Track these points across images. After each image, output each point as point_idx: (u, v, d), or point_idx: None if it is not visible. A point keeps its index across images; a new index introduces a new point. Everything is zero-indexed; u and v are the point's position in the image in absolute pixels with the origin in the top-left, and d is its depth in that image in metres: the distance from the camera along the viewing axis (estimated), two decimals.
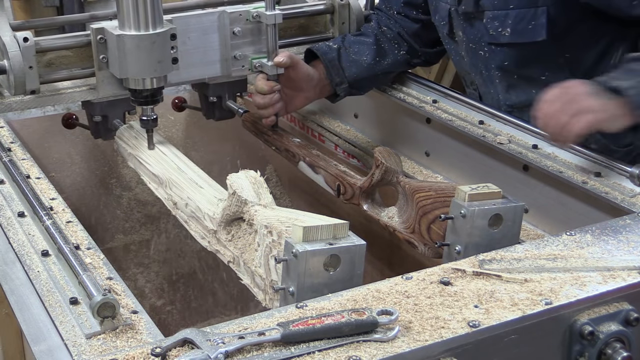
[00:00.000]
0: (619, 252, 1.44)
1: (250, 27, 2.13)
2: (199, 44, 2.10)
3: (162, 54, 1.87)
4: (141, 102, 1.95)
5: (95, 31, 1.93)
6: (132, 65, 1.87)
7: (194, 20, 2.09)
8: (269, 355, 1.15)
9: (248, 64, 2.15)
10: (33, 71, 1.96)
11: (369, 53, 2.24)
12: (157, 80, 1.91)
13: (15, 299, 1.37)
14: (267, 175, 2.78)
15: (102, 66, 1.97)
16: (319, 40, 2.42)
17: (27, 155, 1.93)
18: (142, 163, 2.01)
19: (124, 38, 1.84)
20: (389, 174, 1.75)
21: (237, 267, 1.61)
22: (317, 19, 2.42)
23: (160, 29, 1.86)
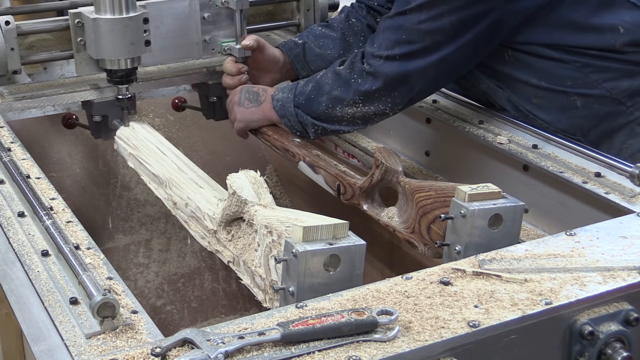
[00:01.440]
0: (619, 252, 1.44)
1: (220, 12, 2.29)
2: (172, 28, 2.25)
3: (135, 36, 2.03)
4: (117, 81, 2.10)
5: (73, 15, 2.06)
6: (107, 47, 2.03)
7: (166, 6, 2.24)
8: (269, 355, 1.15)
9: (218, 48, 2.31)
10: (15, 52, 2.13)
11: (334, 47, 2.30)
12: (131, 61, 2.07)
13: (15, 299, 1.37)
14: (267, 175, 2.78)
15: (80, 48, 2.09)
16: (286, 27, 2.63)
17: (27, 155, 1.93)
18: (142, 163, 2.01)
19: (99, 21, 2.00)
20: (389, 174, 1.75)
21: (237, 267, 1.61)
22: (284, 6, 2.60)
23: (134, 13, 2.02)
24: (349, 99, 1.98)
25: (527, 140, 1.99)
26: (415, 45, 1.92)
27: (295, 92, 2.07)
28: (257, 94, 2.16)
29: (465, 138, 2.10)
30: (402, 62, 1.93)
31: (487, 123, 2.10)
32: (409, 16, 1.92)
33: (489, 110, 2.12)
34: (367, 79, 1.96)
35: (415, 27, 1.91)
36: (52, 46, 2.25)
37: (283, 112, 2.08)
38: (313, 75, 2.10)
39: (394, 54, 1.93)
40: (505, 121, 2.07)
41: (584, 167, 1.83)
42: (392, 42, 1.94)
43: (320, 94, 2.02)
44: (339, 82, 2.00)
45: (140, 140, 2.08)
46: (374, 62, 1.95)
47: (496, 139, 2.02)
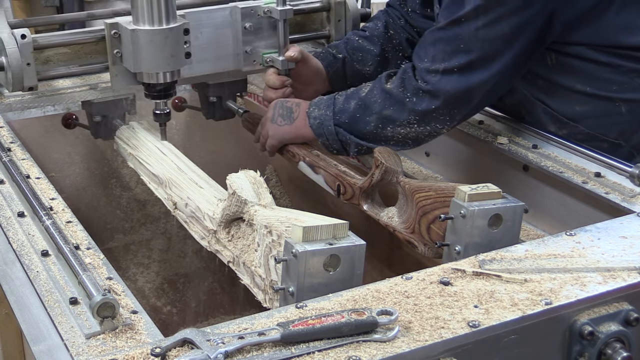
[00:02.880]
0: (619, 252, 1.44)
1: (262, 22, 2.16)
2: (211, 39, 2.14)
3: (175, 48, 1.92)
4: (154, 96, 1.99)
5: (109, 26, 1.95)
6: (145, 60, 1.92)
7: (206, 16, 2.13)
8: (268, 356, 1.15)
9: (259, 59, 2.19)
10: (31, 68, 1.99)
11: (372, 64, 2.22)
12: (171, 75, 1.95)
13: (15, 299, 1.37)
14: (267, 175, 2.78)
15: (116, 60, 1.99)
16: (316, 38, 2.46)
17: (27, 155, 1.93)
18: (142, 163, 2.01)
19: (138, 33, 1.89)
20: (389, 174, 1.75)
21: (237, 267, 1.61)
22: (314, 16, 2.45)
23: (174, 23, 1.91)
24: (402, 119, 1.86)
25: (527, 140, 1.99)
26: (474, 55, 1.80)
27: (334, 110, 1.94)
28: (290, 110, 2.03)
29: (465, 138, 2.09)
30: (461, 75, 1.81)
31: (487, 123, 2.10)
32: (465, 24, 1.80)
33: (489, 111, 2.12)
34: (423, 97, 1.84)
35: (473, 35, 1.80)
36: (70, 60, 2.11)
37: (321, 130, 1.96)
38: (352, 90, 1.97)
39: (451, 66, 1.81)
40: (505, 121, 2.07)
41: (584, 167, 1.83)
42: (449, 54, 1.82)
43: (367, 113, 1.90)
44: (390, 101, 1.87)
45: (140, 140, 2.08)
46: (430, 78, 1.83)
47: (496, 139, 2.02)
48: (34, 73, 2.01)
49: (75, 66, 2.09)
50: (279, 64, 2.13)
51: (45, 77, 2.07)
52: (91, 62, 2.06)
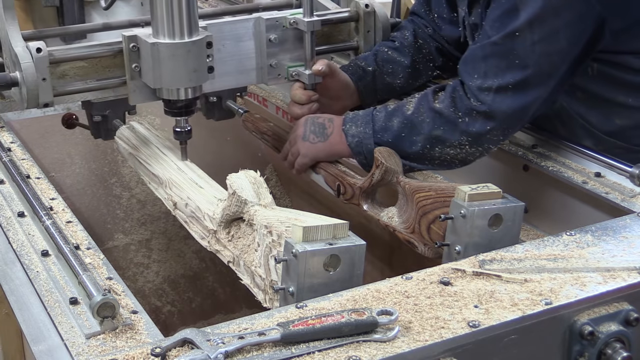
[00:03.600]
0: (619, 252, 1.44)
1: (287, 34, 2.05)
2: (234, 51, 2.03)
3: (197, 62, 1.81)
4: (175, 112, 1.88)
5: (127, 39, 1.84)
6: (166, 75, 1.81)
7: (229, 27, 2.02)
8: (269, 355, 1.15)
9: (284, 73, 2.08)
10: (46, 83, 1.85)
11: (403, 76, 2.13)
12: (192, 91, 1.85)
13: (15, 299, 1.37)
14: (267, 175, 2.78)
15: (135, 75, 1.88)
16: (343, 50, 2.31)
17: (27, 155, 1.93)
18: (142, 163, 2.01)
19: (158, 46, 1.78)
20: (389, 174, 1.75)
21: (237, 267, 1.61)
22: (341, 27, 2.28)
23: (196, 36, 1.80)
24: (453, 140, 1.78)
25: (527, 141, 1.99)
26: (531, 71, 1.72)
27: (374, 128, 1.84)
28: (323, 127, 1.92)
29: None
30: (517, 93, 1.73)
31: None
32: (520, 38, 1.71)
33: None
34: (477, 118, 1.75)
35: (530, 50, 1.71)
36: (87, 75, 1.93)
37: (360, 149, 1.86)
38: (394, 107, 1.87)
39: (505, 83, 1.73)
40: None
41: (584, 167, 1.83)
42: (502, 70, 1.73)
43: (414, 132, 1.80)
44: (440, 121, 1.78)
45: (140, 140, 2.08)
46: (483, 97, 1.74)
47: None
48: (50, 88, 1.86)
49: (92, 81, 1.94)
50: (305, 78, 2.03)
51: (62, 93, 1.92)
52: (109, 76, 1.93)
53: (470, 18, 1.96)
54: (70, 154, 2.65)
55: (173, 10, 1.76)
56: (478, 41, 1.81)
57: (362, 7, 2.24)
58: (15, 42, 1.86)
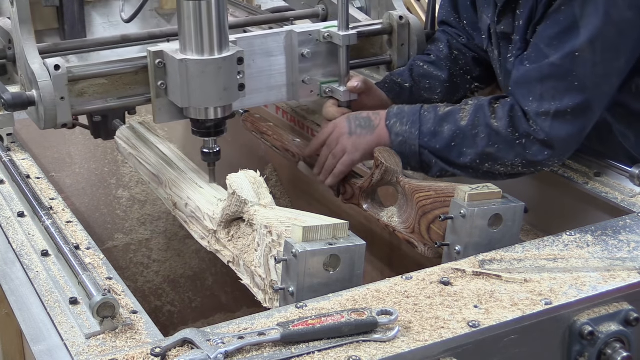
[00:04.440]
0: (619, 252, 1.44)
1: (320, 48, 1.93)
2: (264, 67, 1.91)
3: (228, 80, 1.70)
4: (203, 133, 1.78)
5: (153, 54, 1.73)
6: (195, 93, 1.69)
7: (259, 41, 1.89)
8: (268, 355, 1.15)
9: (317, 89, 1.96)
10: (65, 102, 1.73)
11: (441, 91, 2.02)
12: (222, 110, 1.74)
13: (15, 299, 1.37)
14: (267, 175, 2.78)
15: (161, 93, 1.76)
16: (374, 64, 2.19)
17: (27, 155, 1.93)
18: (142, 163, 2.01)
19: (187, 63, 1.67)
20: (389, 174, 1.75)
21: (237, 267, 1.61)
22: (373, 40, 2.14)
23: (227, 52, 1.69)
24: (506, 160, 1.70)
25: None
26: (590, 93, 1.64)
27: (421, 129, 1.75)
28: (369, 120, 1.81)
29: None
30: (576, 118, 1.65)
31: None
32: (580, 58, 1.62)
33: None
34: (534, 143, 1.67)
35: (590, 72, 1.63)
36: (107, 92, 1.80)
37: (403, 149, 1.76)
38: (445, 111, 1.76)
39: (564, 107, 1.64)
40: None
41: (584, 167, 1.83)
42: (560, 93, 1.64)
43: (466, 145, 1.72)
44: (496, 139, 1.69)
45: (140, 140, 2.08)
46: (541, 123, 1.65)
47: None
48: (69, 108, 1.74)
49: (113, 99, 1.81)
50: (340, 94, 1.92)
51: (80, 112, 1.81)
52: (130, 94, 1.81)
53: (498, 27, 1.86)
54: (70, 154, 2.65)
55: (202, 24, 1.67)
56: (530, 60, 1.71)
57: (395, 19, 2.11)
58: (32, 59, 1.75)
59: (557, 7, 1.66)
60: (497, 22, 1.86)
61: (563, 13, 1.65)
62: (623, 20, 1.63)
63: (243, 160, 2.72)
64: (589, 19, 1.62)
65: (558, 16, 1.65)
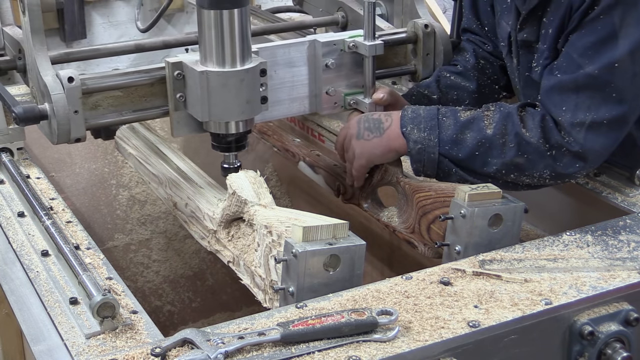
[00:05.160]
0: (619, 252, 1.44)
1: (344, 58, 1.85)
2: (286, 77, 1.83)
3: (251, 92, 1.64)
4: (223, 148, 1.72)
5: (172, 66, 1.66)
6: (216, 107, 1.63)
7: (282, 51, 1.81)
8: (269, 355, 1.15)
9: (341, 101, 1.88)
10: (79, 116, 1.65)
11: (469, 102, 1.95)
12: (244, 124, 1.67)
13: (15, 299, 1.37)
14: (267, 175, 2.77)
15: (179, 106, 1.69)
16: (398, 74, 2.11)
17: (27, 155, 1.93)
18: (142, 163, 2.01)
19: (208, 75, 1.61)
20: (389, 174, 1.75)
21: (237, 267, 1.61)
22: (397, 49, 2.04)
23: (249, 64, 1.63)
24: (534, 172, 1.65)
25: None
26: (628, 106, 1.59)
27: (440, 136, 1.67)
28: (379, 122, 1.74)
29: None
30: (611, 130, 1.60)
31: None
32: (619, 70, 1.57)
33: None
34: (566, 155, 1.62)
35: (630, 83, 1.58)
36: (122, 105, 1.73)
37: (420, 157, 1.69)
38: (467, 117, 1.68)
39: (600, 118, 1.59)
40: None
41: None
42: (597, 104, 1.59)
43: (493, 155, 1.65)
44: (526, 149, 1.63)
45: (141, 140, 2.08)
46: (576, 135, 1.60)
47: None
48: (82, 122, 1.65)
49: (128, 112, 1.73)
50: (365, 107, 1.84)
51: (94, 126, 1.75)
52: (146, 106, 1.73)
53: (520, 34, 1.81)
54: (70, 154, 2.65)
55: (224, 35, 1.60)
56: (562, 70, 1.65)
57: (421, 27, 2.01)
58: (44, 71, 1.67)
59: (595, 16, 1.60)
60: (519, 29, 1.80)
61: (601, 22, 1.59)
62: None
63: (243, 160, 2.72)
64: (629, 29, 1.57)
65: (595, 25, 1.60)
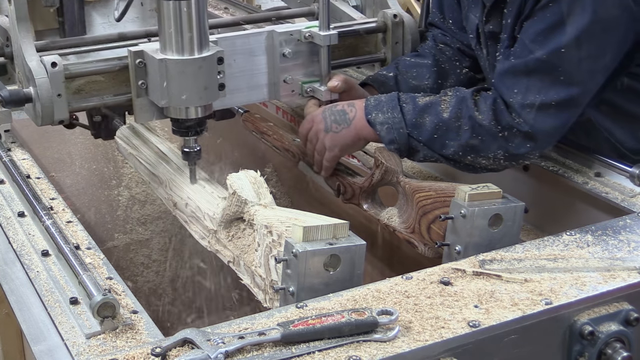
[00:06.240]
0: (619, 252, 1.44)
1: (302, 48, 1.93)
2: (245, 66, 1.91)
3: (208, 79, 1.71)
4: (183, 132, 1.79)
5: (133, 54, 1.73)
6: (175, 93, 1.70)
7: (241, 41, 1.89)
8: (269, 355, 1.15)
9: (298, 89, 1.97)
10: (62, 99, 1.75)
11: (430, 76, 2.02)
12: (203, 109, 1.75)
13: (15, 299, 1.37)
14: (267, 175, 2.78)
15: (141, 93, 1.76)
16: (369, 62, 2.20)
17: (27, 155, 1.93)
18: (142, 163, 2.01)
19: (167, 62, 1.68)
20: (389, 174, 1.75)
21: (237, 267, 1.61)
22: (368, 38, 2.15)
23: (207, 52, 1.70)
24: (489, 152, 1.72)
25: None
26: (575, 89, 1.66)
27: (405, 120, 1.75)
28: (344, 112, 1.81)
29: None
30: (560, 111, 1.67)
31: None
32: (567, 54, 1.64)
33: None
34: (517, 136, 1.69)
35: (576, 67, 1.65)
36: (104, 89, 1.83)
37: (392, 136, 1.76)
38: (425, 102, 1.77)
39: (549, 100, 1.66)
40: None
41: (584, 167, 1.83)
42: (546, 86, 1.66)
43: (449, 137, 1.73)
44: (479, 131, 1.71)
45: (141, 140, 2.08)
46: (525, 115, 1.67)
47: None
48: (66, 105, 1.76)
49: (109, 95, 1.83)
50: (320, 94, 1.93)
51: (77, 109, 1.84)
52: (126, 90, 1.81)
53: (486, 26, 1.88)
54: (70, 154, 2.65)
55: (182, 24, 1.67)
56: (515, 55, 1.72)
57: (390, 17, 2.12)
58: (29, 57, 1.77)
59: (545, 4, 1.67)
60: (485, 21, 1.87)
61: (550, 10, 1.66)
62: (609, 18, 1.65)
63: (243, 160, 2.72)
64: (576, 17, 1.64)
65: (545, 13, 1.67)
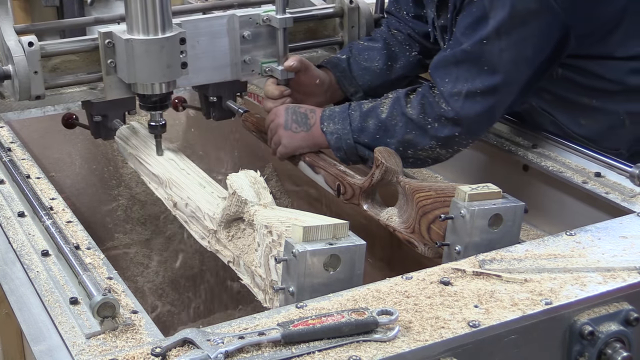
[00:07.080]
0: (619, 252, 1.44)
1: (260, 31, 2.11)
2: (208, 48, 2.09)
3: (171, 58, 1.85)
4: (149, 107, 1.93)
5: (103, 35, 1.90)
6: (140, 70, 1.85)
7: (203, 24, 2.07)
8: (269, 355, 1.15)
9: (258, 69, 2.14)
10: (38, 76, 1.94)
11: (380, 58, 2.19)
12: (166, 85, 1.89)
13: (15, 299, 1.37)
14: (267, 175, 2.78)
15: (110, 71, 1.94)
16: (328, 44, 2.39)
17: (27, 155, 1.93)
18: (142, 163, 2.01)
19: (132, 42, 1.82)
20: (389, 174, 1.75)
21: (237, 267, 1.61)
22: (326, 22, 2.38)
23: (170, 33, 1.84)
24: (424, 145, 1.86)
25: (527, 140, 1.99)
26: (499, 77, 1.78)
27: (352, 127, 1.92)
28: (306, 117, 1.99)
29: None
30: (485, 98, 1.79)
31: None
32: (488, 45, 1.77)
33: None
34: (445, 124, 1.83)
35: (498, 57, 1.78)
36: (78, 68, 2.02)
37: (339, 145, 1.93)
38: (368, 107, 1.93)
39: (474, 88, 1.79)
40: (504, 121, 2.07)
41: (584, 167, 1.83)
42: (473, 75, 1.80)
43: (388, 135, 1.88)
44: (411, 126, 1.86)
45: (140, 140, 2.08)
46: (453, 102, 1.81)
47: (496, 139, 2.02)
48: (42, 81, 1.95)
49: (83, 74, 2.02)
50: (278, 73, 2.09)
51: (53, 86, 2.00)
52: (99, 69, 1.97)
53: (439, 21, 2.01)
54: (70, 154, 2.65)
55: (147, 7, 1.80)
56: (449, 47, 1.86)
57: (346, 3, 2.34)
58: (8, 36, 1.94)
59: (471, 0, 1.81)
60: (437, 16, 2.02)
61: (475, 5, 1.80)
62: (527, 12, 1.76)
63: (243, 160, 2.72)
64: (497, 10, 1.76)
65: (471, 7, 1.81)
